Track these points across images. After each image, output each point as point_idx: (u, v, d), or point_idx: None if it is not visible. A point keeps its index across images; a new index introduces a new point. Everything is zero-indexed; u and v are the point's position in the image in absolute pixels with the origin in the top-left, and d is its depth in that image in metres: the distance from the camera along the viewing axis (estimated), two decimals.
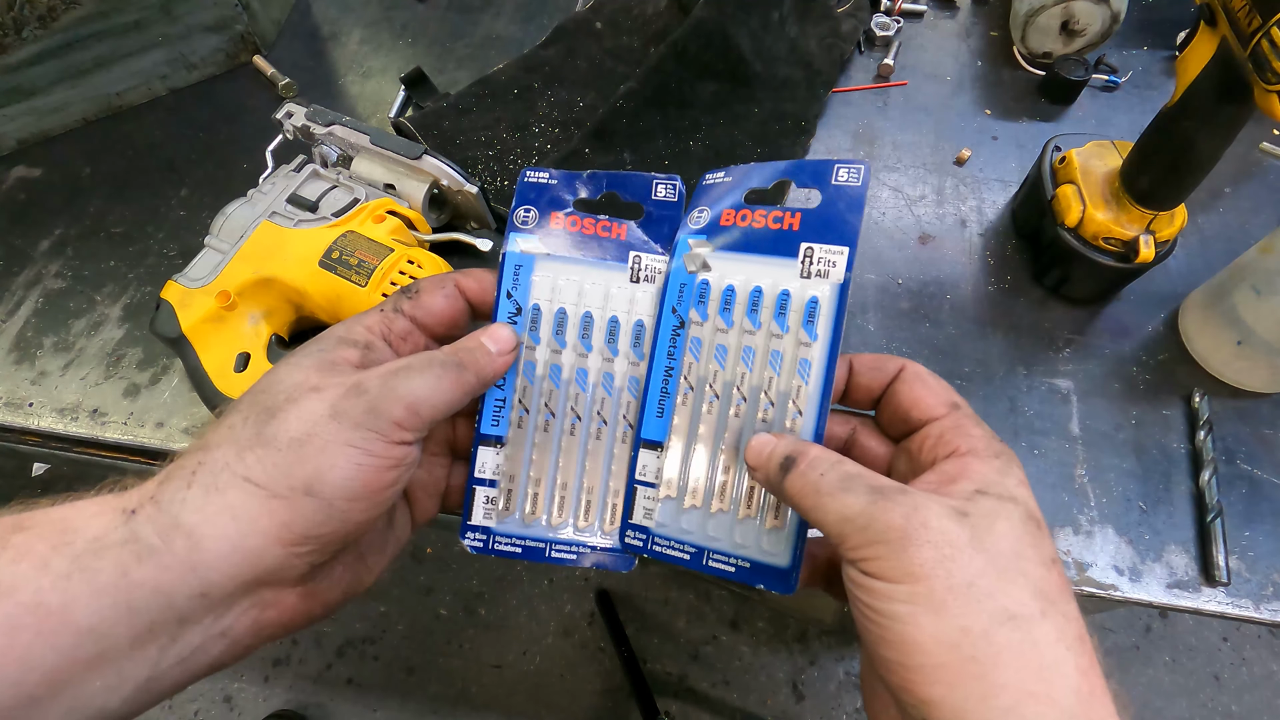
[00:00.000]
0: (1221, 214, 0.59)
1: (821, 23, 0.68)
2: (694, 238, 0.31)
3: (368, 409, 0.25)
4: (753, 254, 0.31)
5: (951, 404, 0.28)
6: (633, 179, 0.32)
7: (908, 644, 0.22)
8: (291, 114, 0.53)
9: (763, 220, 0.31)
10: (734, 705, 1.20)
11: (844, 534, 0.24)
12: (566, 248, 0.32)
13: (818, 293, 0.29)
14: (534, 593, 1.29)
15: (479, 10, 0.73)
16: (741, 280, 0.31)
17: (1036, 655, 0.21)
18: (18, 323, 0.53)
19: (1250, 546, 0.45)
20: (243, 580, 0.24)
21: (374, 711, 1.20)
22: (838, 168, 0.29)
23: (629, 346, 0.32)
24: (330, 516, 0.24)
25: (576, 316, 0.32)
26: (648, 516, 0.31)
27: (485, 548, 0.32)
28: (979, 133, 0.64)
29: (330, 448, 0.24)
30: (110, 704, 0.22)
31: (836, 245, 0.29)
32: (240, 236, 0.48)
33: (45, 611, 0.21)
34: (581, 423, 0.32)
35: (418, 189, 0.51)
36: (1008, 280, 0.56)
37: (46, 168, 0.61)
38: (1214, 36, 0.40)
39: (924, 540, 0.23)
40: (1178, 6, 0.72)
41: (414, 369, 0.27)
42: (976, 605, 0.22)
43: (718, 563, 0.30)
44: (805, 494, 0.26)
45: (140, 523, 0.23)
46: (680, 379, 0.31)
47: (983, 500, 0.24)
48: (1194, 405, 0.49)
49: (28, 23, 0.57)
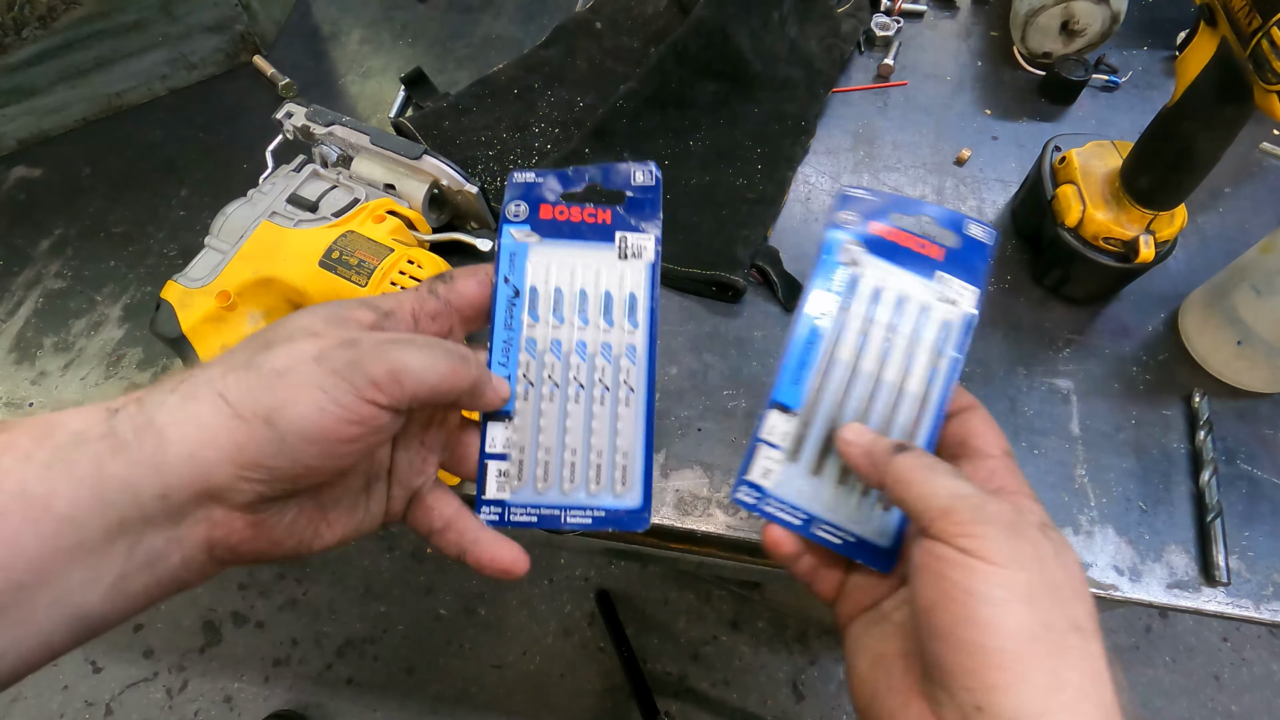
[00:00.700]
0: (1221, 214, 0.59)
1: (822, 23, 0.68)
2: (846, 234, 0.35)
3: (350, 361, 0.26)
4: (899, 265, 0.34)
5: (1005, 450, 0.31)
6: (612, 169, 0.35)
7: (994, 626, 0.23)
8: (291, 114, 0.53)
9: (908, 241, 0.34)
10: (734, 705, 1.20)
11: (954, 508, 0.25)
12: (557, 234, 0.35)
13: (950, 317, 0.33)
14: (534, 593, 1.29)
15: (479, 10, 0.73)
16: (892, 284, 0.34)
17: (1093, 664, 0.23)
18: (18, 323, 0.53)
19: (1250, 546, 0.45)
20: (195, 490, 0.24)
21: (374, 711, 1.20)
22: (970, 224, 0.34)
23: (623, 317, 0.34)
24: (281, 450, 0.25)
25: (572, 294, 0.34)
26: (766, 476, 0.33)
27: (501, 520, 0.33)
28: (979, 133, 0.64)
29: (300, 386, 0.25)
30: (89, 600, 0.23)
31: (968, 283, 0.34)
32: (240, 236, 0.47)
33: (29, 499, 0.22)
34: (585, 390, 0.33)
35: (418, 189, 0.51)
36: (1008, 280, 0.56)
37: (46, 168, 0.61)
38: (1214, 36, 0.40)
39: (1029, 537, 0.24)
40: (1178, 6, 0.72)
41: (415, 344, 0.28)
42: (1058, 608, 0.23)
43: (825, 533, 0.32)
44: (918, 469, 0.27)
45: (120, 420, 0.24)
46: (822, 353, 0.33)
47: (1051, 532, 0.26)
48: (1194, 405, 0.49)
49: (28, 23, 0.57)
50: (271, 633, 1.26)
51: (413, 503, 0.33)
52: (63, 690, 1.21)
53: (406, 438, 0.32)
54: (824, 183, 0.61)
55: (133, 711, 1.20)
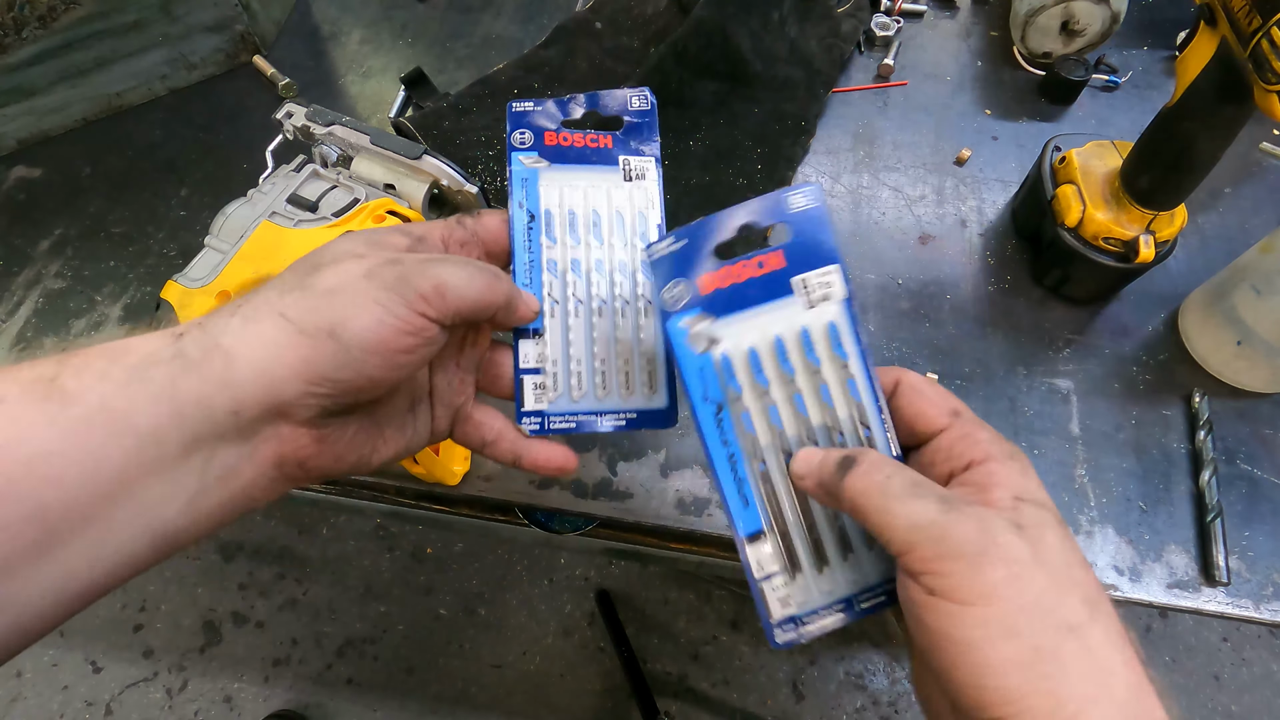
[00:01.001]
0: (1221, 214, 0.59)
1: (821, 23, 0.68)
2: (685, 317, 0.30)
3: (399, 276, 0.27)
4: (753, 307, 0.30)
5: (952, 412, 0.28)
6: (608, 95, 0.36)
7: (981, 667, 0.22)
8: (291, 114, 0.53)
9: (748, 271, 0.30)
10: (734, 705, 1.20)
11: (914, 543, 0.24)
12: (563, 160, 0.36)
13: (830, 316, 0.30)
14: (534, 593, 1.29)
15: (479, 10, 0.73)
16: (757, 337, 0.30)
17: (1093, 661, 0.22)
18: (18, 323, 0.53)
19: (1250, 546, 0.45)
20: (265, 406, 0.25)
21: (374, 711, 1.20)
22: (789, 195, 0.30)
23: (634, 236, 0.35)
24: (347, 362, 0.26)
25: (585, 214, 0.35)
26: (786, 606, 0.30)
27: (542, 428, 0.34)
28: (979, 133, 0.64)
29: (358, 299, 0.26)
30: (168, 514, 0.24)
31: (824, 266, 0.30)
32: (240, 236, 0.47)
33: (111, 413, 0.23)
34: (607, 304, 0.35)
35: (418, 189, 0.51)
36: (1008, 280, 0.56)
37: (46, 168, 0.61)
38: (1214, 36, 0.40)
39: (997, 557, 0.23)
40: (1178, 6, 0.72)
41: (453, 261, 0.29)
42: (1043, 622, 0.22)
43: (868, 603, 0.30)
44: (871, 494, 0.25)
45: (187, 342, 0.25)
46: (748, 460, 0.30)
47: (1026, 508, 0.24)
48: (1194, 405, 0.49)
49: (28, 23, 0.57)
50: (271, 633, 1.26)
51: (459, 421, 0.35)
52: (63, 690, 1.21)
53: (442, 360, 0.34)
54: (824, 183, 0.61)
55: (133, 711, 1.20)
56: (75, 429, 0.22)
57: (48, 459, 0.22)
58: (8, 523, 0.21)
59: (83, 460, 0.22)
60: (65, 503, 0.22)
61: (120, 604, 1.27)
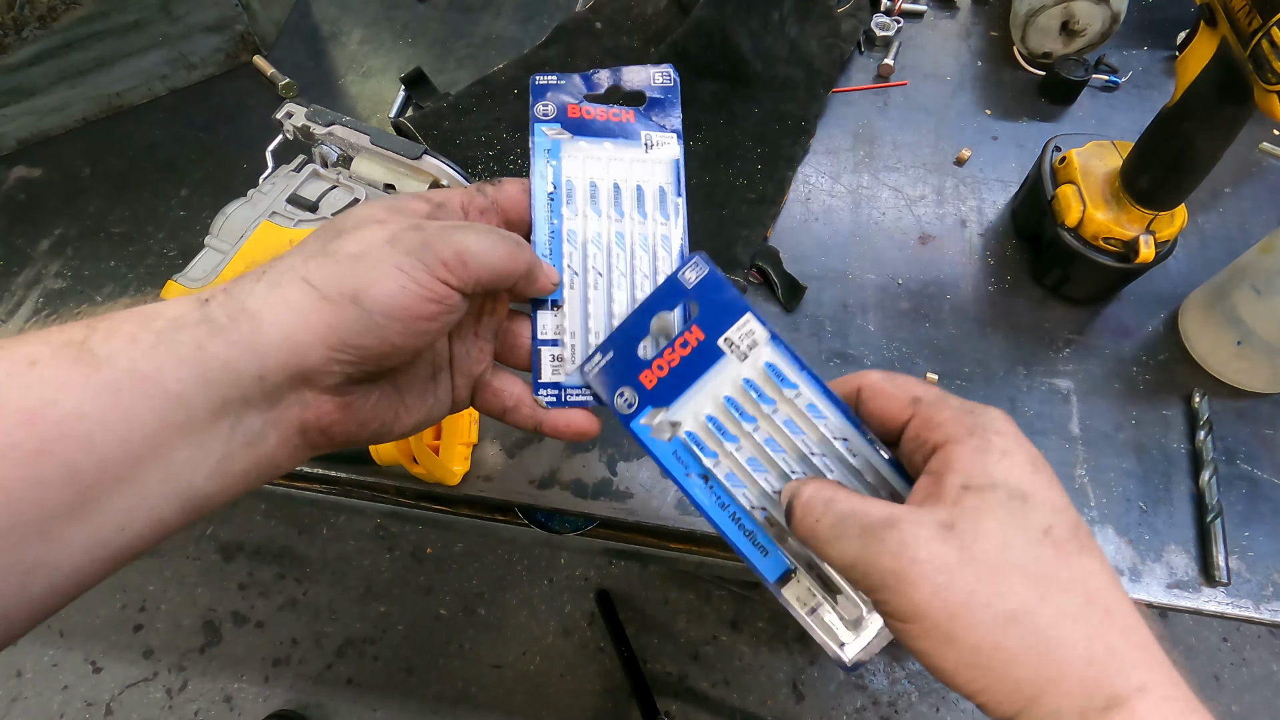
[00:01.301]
0: (1221, 214, 0.59)
1: (821, 23, 0.68)
2: (641, 416, 0.32)
3: (421, 243, 0.27)
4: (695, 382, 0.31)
5: (912, 399, 0.28)
6: (630, 71, 0.36)
7: (940, 671, 0.24)
8: (291, 114, 0.53)
9: (677, 354, 0.32)
10: (734, 705, 1.20)
11: (851, 579, 0.26)
12: (585, 132, 0.36)
13: (765, 358, 0.31)
14: (534, 593, 1.29)
15: (479, 10, 0.73)
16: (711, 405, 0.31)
17: (1043, 643, 0.22)
18: (18, 323, 0.53)
19: (1250, 546, 0.45)
20: (290, 371, 0.26)
21: (374, 711, 1.20)
22: (681, 273, 0.32)
23: (655, 210, 0.35)
24: (369, 328, 0.26)
25: (607, 187, 0.35)
26: (843, 641, 0.30)
27: (559, 401, 0.34)
28: (979, 133, 0.64)
29: (381, 265, 0.26)
30: (196, 478, 0.25)
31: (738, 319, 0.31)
32: (240, 236, 0.47)
33: (140, 376, 0.23)
34: (626, 278, 0.35)
35: (418, 189, 0.51)
36: (1008, 280, 0.56)
37: (46, 168, 0.61)
38: (1214, 37, 0.40)
39: (916, 577, 0.23)
40: (1178, 6, 0.72)
41: (475, 229, 0.29)
42: (977, 621, 0.23)
43: None
44: (811, 541, 0.27)
45: (213, 308, 0.25)
46: (750, 512, 0.31)
47: (967, 498, 0.24)
48: (1194, 405, 0.49)
49: (28, 23, 0.57)
50: (271, 633, 1.26)
51: (478, 389, 0.34)
52: (63, 690, 1.21)
53: (461, 329, 0.34)
54: (824, 183, 0.61)
55: (133, 711, 1.20)
56: (106, 392, 0.22)
57: (80, 421, 0.22)
58: (44, 483, 0.21)
59: (113, 423, 0.22)
60: (97, 465, 0.22)
61: (120, 604, 1.27)
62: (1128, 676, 0.22)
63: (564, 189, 0.35)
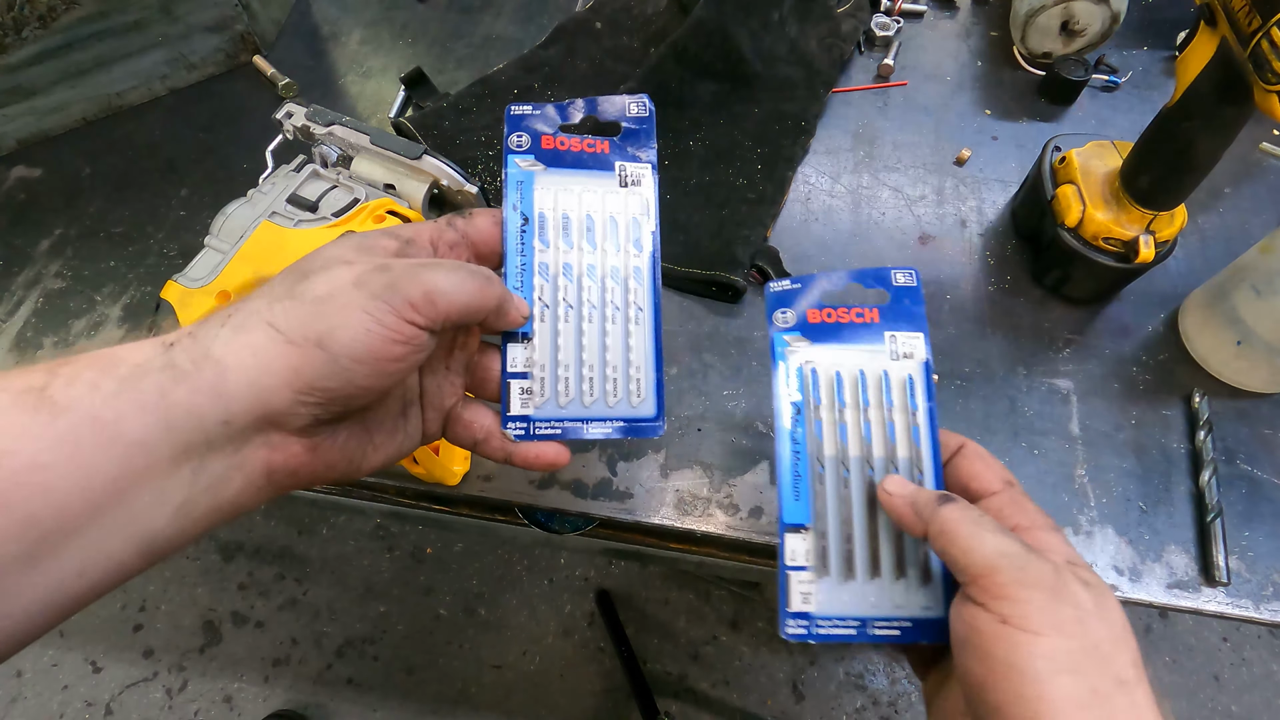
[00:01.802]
0: (1221, 214, 0.59)
1: (821, 23, 0.68)
2: (788, 334, 0.35)
3: (388, 284, 0.27)
4: (845, 342, 0.35)
5: (1006, 481, 0.31)
6: (606, 101, 0.36)
7: (1043, 701, 0.23)
8: (291, 114, 0.53)
9: (848, 317, 0.35)
10: (734, 705, 1.20)
11: (997, 568, 0.25)
12: (559, 163, 0.36)
13: (910, 371, 0.34)
14: (534, 593, 1.29)
15: (479, 10, 0.73)
16: (846, 365, 0.35)
17: (1139, 716, 0.23)
18: (18, 323, 0.53)
19: (1250, 546, 0.45)
20: (256, 415, 0.26)
21: (374, 711, 1.20)
22: (895, 273, 0.35)
23: (627, 242, 0.35)
24: (335, 371, 0.26)
25: (579, 219, 0.35)
26: (806, 601, 0.33)
27: (527, 434, 0.34)
28: (979, 133, 0.64)
29: (346, 309, 0.26)
30: (157, 523, 0.24)
31: (912, 331, 0.35)
32: (240, 236, 0.47)
33: (101, 424, 0.23)
34: (598, 310, 0.35)
35: (418, 189, 0.51)
36: (1008, 280, 0.56)
37: (46, 168, 0.61)
38: (1214, 37, 0.40)
39: (1069, 598, 0.24)
40: (1178, 6, 0.72)
41: (443, 266, 0.29)
42: (1102, 668, 0.24)
43: (882, 629, 0.32)
44: (963, 523, 0.27)
45: (177, 352, 0.25)
46: (810, 460, 0.34)
47: (1083, 572, 0.26)
48: (1194, 405, 0.49)
49: (28, 23, 0.57)
50: (271, 633, 1.26)
51: (450, 422, 0.35)
52: (63, 690, 1.21)
53: (432, 363, 0.34)
54: (824, 183, 0.61)
55: (133, 711, 1.20)
56: (65, 440, 0.22)
57: (38, 470, 0.22)
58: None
59: (73, 472, 0.22)
60: (56, 513, 0.22)
61: (120, 604, 1.27)
62: None
63: (536, 221, 0.35)
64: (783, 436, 0.34)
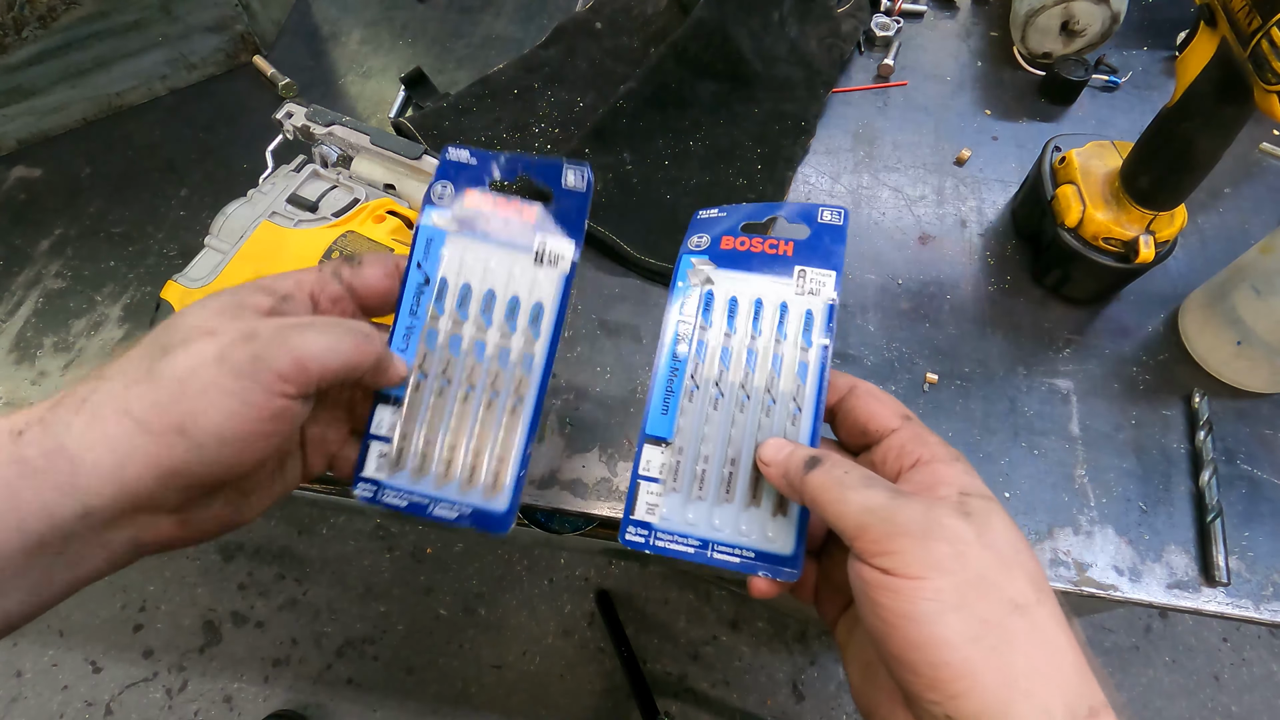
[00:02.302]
0: (1221, 214, 0.59)
1: (821, 23, 0.68)
2: (696, 257, 0.35)
3: (253, 357, 0.26)
4: (753, 271, 0.34)
5: (904, 416, 0.30)
6: (545, 164, 0.34)
7: (936, 643, 0.23)
8: (291, 114, 0.53)
9: (760, 246, 0.34)
10: (734, 705, 1.20)
11: (865, 525, 0.25)
12: (476, 225, 0.34)
13: (812, 307, 0.33)
14: (534, 593, 1.29)
15: (479, 10, 0.73)
16: (744, 292, 0.34)
17: (1041, 638, 0.23)
18: (18, 323, 0.53)
19: (1250, 546, 0.45)
20: (119, 506, 0.24)
21: (374, 711, 1.20)
22: (822, 210, 0.34)
23: (527, 324, 0.34)
24: (200, 457, 0.25)
25: (480, 292, 0.34)
26: (651, 512, 0.32)
27: (374, 498, 0.33)
28: (979, 133, 0.64)
29: (208, 391, 0.25)
30: (8, 605, 0.24)
31: (825, 269, 0.33)
32: (240, 236, 0.47)
33: None
34: (475, 391, 0.33)
35: (418, 189, 0.51)
36: (1008, 280, 0.56)
37: (46, 168, 0.61)
38: (1214, 37, 0.40)
39: (941, 536, 0.24)
40: (1178, 6, 0.72)
41: (315, 326, 0.28)
42: (990, 597, 0.23)
43: (722, 554, 0.31)
44: (829, 488, 0.27)
45: (27, 444, 0.24)
46: (686, 378, 0.33)
47: (972, 501, 0.26)
48: (1194, 405, 0.49)
49: (28, 23, 0.57)
50: (271, 633, 1.26)
51: (334, 461, 0.34)
52: (62, 690, 1.21)
53: (315, 411, 0.32)
54: (824, 183, 0.61)
55: (132, 711, 1.20)
56: None
57: None
58: None
59: None
60: None
61: (120, 604, 1.27)
62: (1097, 691, 0.23)
63: (436, 284, 0.33)
64: (664, 351, 0.34)
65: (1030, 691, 0.22)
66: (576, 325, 0.52)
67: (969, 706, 0.22)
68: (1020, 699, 0.22)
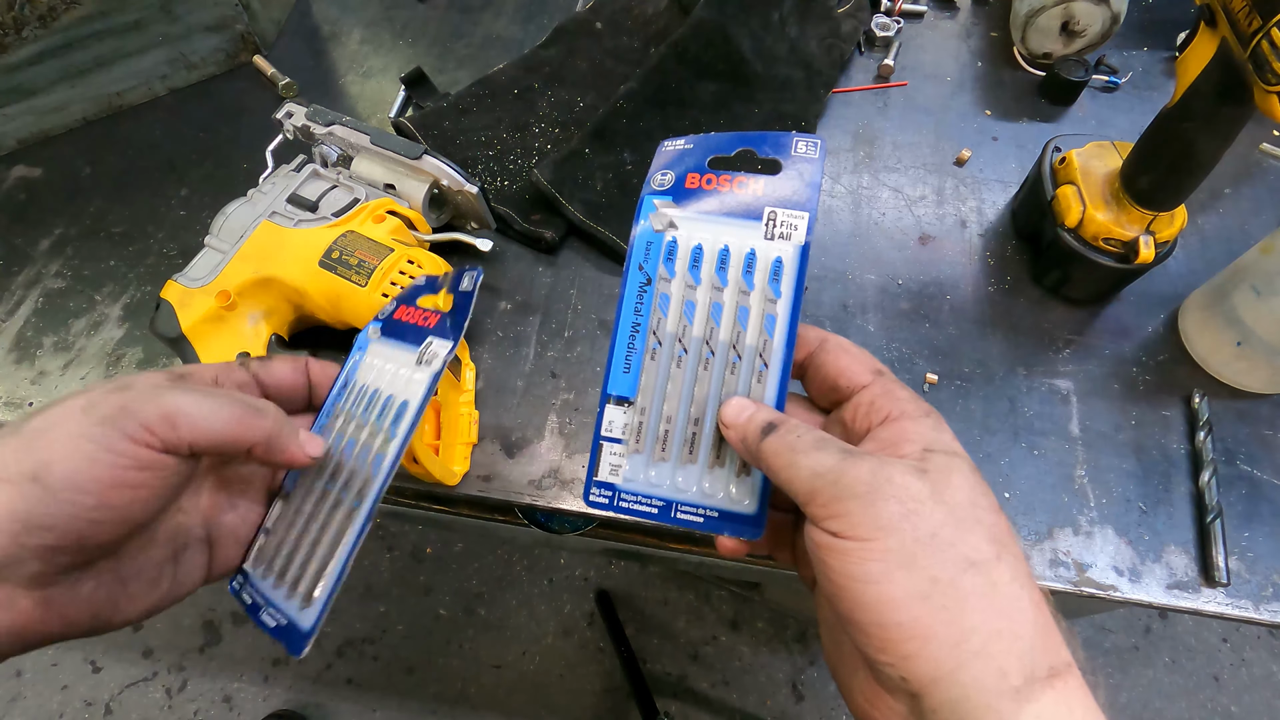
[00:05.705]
0: (1221, 214, 0.59)
1: (821, 23, 0.68)
2: (659, 198, 0.32)
3: (120, 406, 0.25)
4: (718, 216, 0.31)
5: (876, 371, 0.29)
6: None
7: (883, 603, 0.22)
8: (291, 114, 0.53)
9: (727, 185, 0.32)
10: (734, 705, 1.20)
11: (815, 489, 0.24)
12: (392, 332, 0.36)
13: (781, 253, 0.30)
14: (534, 593, 1.29)
15: (479, 10, 0.73)
16: (709, 239, 0.31)
17: (997, 596, 0.22)
18: (18, 322, 0.53)
19: (1250, 547, 0.45)
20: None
21: (374, 711, 1.20)
22: (797, 140, 0.31)
23: (389, 423, 0.33)
24: (56, 506, 0.24)
25: (368, 392, 0.34)
26: (614, 473, 0.31)
27: (236, 591, 0.33)
28: (979, 133, 0.64)
29: (66, 438, 0.24)
30: None
31: (798, 210, 0.31)
32: (240, 236, 0.47)
33: None
34: (333, 492, 0.32)
35: (418, 189, 0.51)
36: (1008, 280, 0.56)
37: (46, 168, 0.61)
38: (1214, 37, 0.40)
39: (889, 495, 0.23)
40: (1178, 6, 0.72)
41: (191, 390, 0.27)
42: (941, 555, 0.22)
43: (686, 514, 0.31)
44: (781, 453, 0.26)
45: None
46: (648, 334, 0.32)
47: (934, 457, 0.25)
48: (1194, 406, 0.49)
49: (28, 23, 0.57)
50: None
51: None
52: (62, 690, 1.21)
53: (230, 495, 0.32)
54: (824, 183, 0.61)
55: (132, 711, 1.20)
56: None
57: None
58: None
59: None
60: None
61: None
62: (1059, 651, 0.22)
63: (341, 386, 0.35)
64: (626, 304, 0.32)
65: (983, 651, 0.21)
66: (576, 325, 0.52)
67: (920, 667, 0.22)
68: (971, 659, 0.21)
